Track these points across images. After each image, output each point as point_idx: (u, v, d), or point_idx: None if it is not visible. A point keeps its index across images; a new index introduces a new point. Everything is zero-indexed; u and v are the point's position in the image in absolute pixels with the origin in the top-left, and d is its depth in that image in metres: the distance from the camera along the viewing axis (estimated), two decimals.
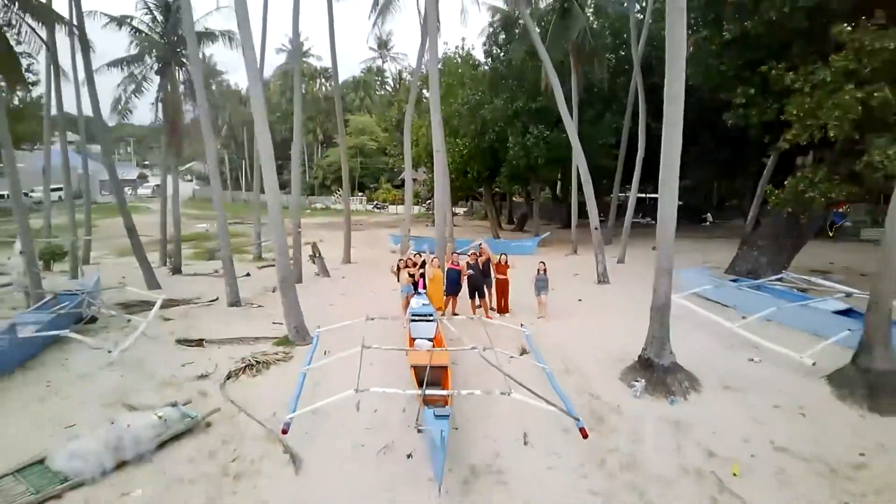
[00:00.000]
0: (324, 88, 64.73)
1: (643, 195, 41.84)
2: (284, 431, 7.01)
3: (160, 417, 7.79)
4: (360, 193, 61.17)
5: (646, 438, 7.88)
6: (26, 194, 55.89)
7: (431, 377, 8.00)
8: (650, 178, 40.39)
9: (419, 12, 22.60)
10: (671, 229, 9.14)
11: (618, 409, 8.63)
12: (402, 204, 53.22)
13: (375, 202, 57.19)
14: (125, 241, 18.39)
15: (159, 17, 18.46)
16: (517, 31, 26.12)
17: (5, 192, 49.12)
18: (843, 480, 7.03)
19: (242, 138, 64.59)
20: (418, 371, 8.33)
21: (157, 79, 19.92)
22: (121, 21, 18.37)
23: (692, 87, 18.62)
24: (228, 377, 9.50)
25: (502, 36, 28.36)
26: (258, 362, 9.96)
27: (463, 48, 31.01)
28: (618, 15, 26.61)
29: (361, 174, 62.21)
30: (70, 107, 22.69)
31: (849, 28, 12.23)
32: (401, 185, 63.11)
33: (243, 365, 9.85)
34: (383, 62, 74.76)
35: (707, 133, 25.63)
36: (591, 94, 25.43)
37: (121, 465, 7.13)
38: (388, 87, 74.53)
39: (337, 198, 58.03)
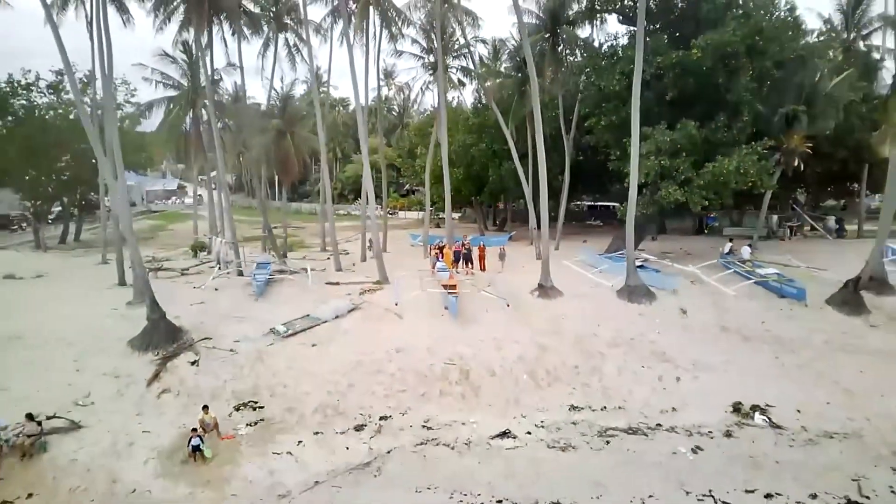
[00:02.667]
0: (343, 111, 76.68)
1: (594, 203, 53.42)
2: (396, 304, 18.50)
3: (340, 304, 19.20)
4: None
5: (533, 311, 19.31)
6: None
7: (449, 288, 19.44)
8: (598, 190, 51.90)
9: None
10: (546, 228, 20.78)
11: (526, 302, 20.04)
12: (409, 210, 64.78)
13: (388, 209, 68.30)
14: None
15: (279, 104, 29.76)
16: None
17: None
18: (603, 321, 18.53)
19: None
20: (444, 286, 19.72)
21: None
22: (257, 112, 29.56)
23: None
24: (361, 293, 20.86)
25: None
26: (369, 290, 21.30)
27: (458, 102, 42.41)
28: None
29: (374, 185, 73.31)
30: None
31: (650, 128, 23.67)
32: (406, 195, 74.58)
33: (363, 290, 21.19)
34: (388, 90, 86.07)
35: None
36: (544, 138, 36.64)
37: (336, 317, 18.51)
38: (394, 113, 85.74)
39: (356, 205, 69.20)
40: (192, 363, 15.85)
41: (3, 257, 33.09)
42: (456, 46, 29.56)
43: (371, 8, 25.78)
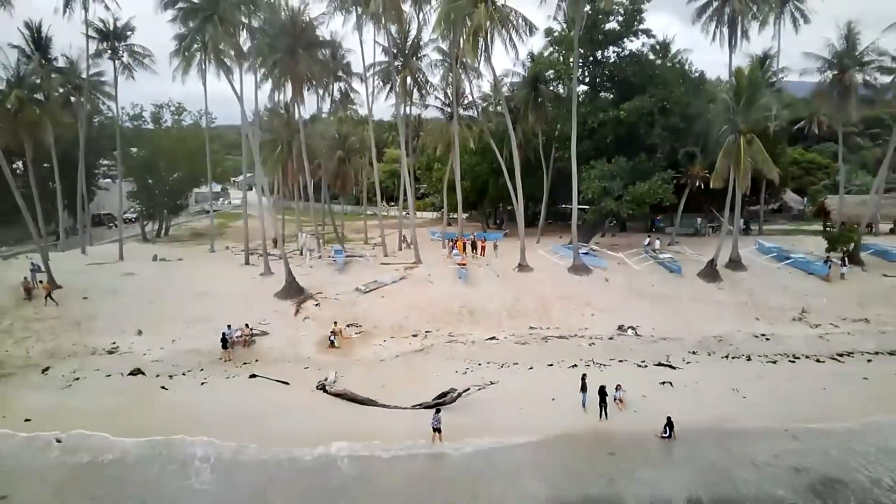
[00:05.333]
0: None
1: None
2: (429, 275, 29.59)
3: (394, 274, 30.22)
4: (392, 203, 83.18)
5: (513, 280, 30.19)
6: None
7: (461, 265, 30.43)
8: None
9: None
10: (522, 226, 31.62)
11: (509, 275, 30.86)
12: (425, 211, 75.70)
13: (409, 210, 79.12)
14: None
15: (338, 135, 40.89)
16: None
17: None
18: (556, 285, 29.44)
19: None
20: (458, 264, 30.69)
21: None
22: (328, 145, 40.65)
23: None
24: (405, 269, 31.76)
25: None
26: (410, 267, 32.22)
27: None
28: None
29: (395, 189, 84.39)
30: None
31: (596, 161, 34.34)
32: (422, 197, 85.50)
33: (406, 267, 32.11)
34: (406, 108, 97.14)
35: None
36: (527, 155, 47.47)
37: (393, 282, 29.51)
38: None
39: (381, 206, 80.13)
40: (316, 305, 26.89)
41: (132, 247, 44.31)
42: (465, 102, 40.32)
43: (408, 77, 36.76)
